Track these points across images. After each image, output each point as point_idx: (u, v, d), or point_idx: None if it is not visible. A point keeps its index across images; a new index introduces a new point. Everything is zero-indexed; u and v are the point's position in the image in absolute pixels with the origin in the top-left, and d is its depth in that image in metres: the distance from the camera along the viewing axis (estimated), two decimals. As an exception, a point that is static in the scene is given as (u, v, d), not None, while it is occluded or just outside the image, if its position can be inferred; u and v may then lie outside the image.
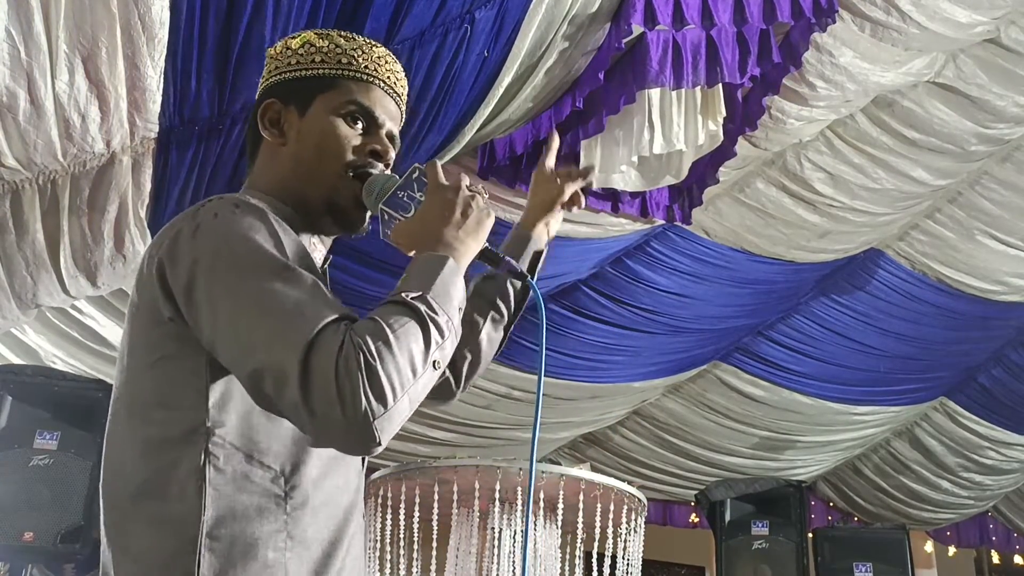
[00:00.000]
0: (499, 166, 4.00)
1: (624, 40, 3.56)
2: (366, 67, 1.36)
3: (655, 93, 3.81)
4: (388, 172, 1.36)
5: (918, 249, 5.65)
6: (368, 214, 1.36)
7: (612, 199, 4.40)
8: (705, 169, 4.39)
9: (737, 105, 4.10)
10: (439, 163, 1.32)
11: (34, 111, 2.72)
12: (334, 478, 1.22)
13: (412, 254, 1.25)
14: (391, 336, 1.08)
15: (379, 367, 1.05)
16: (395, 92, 1.40)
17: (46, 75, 2.65)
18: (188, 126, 3.05)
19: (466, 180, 1.31)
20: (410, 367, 1.08)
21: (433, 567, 3.29)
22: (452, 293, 1.17)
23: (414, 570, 3.27)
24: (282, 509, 1.14)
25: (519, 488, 3.17)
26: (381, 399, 1.04)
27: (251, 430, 1.16)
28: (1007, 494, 8.04)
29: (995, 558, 9.00)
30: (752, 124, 4.19)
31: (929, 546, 8.38)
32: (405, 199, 1.30)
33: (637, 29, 3.56)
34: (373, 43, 1.39)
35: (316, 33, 1.38)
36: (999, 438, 7.16)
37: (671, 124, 3.87)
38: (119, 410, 1.21)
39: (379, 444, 1.06)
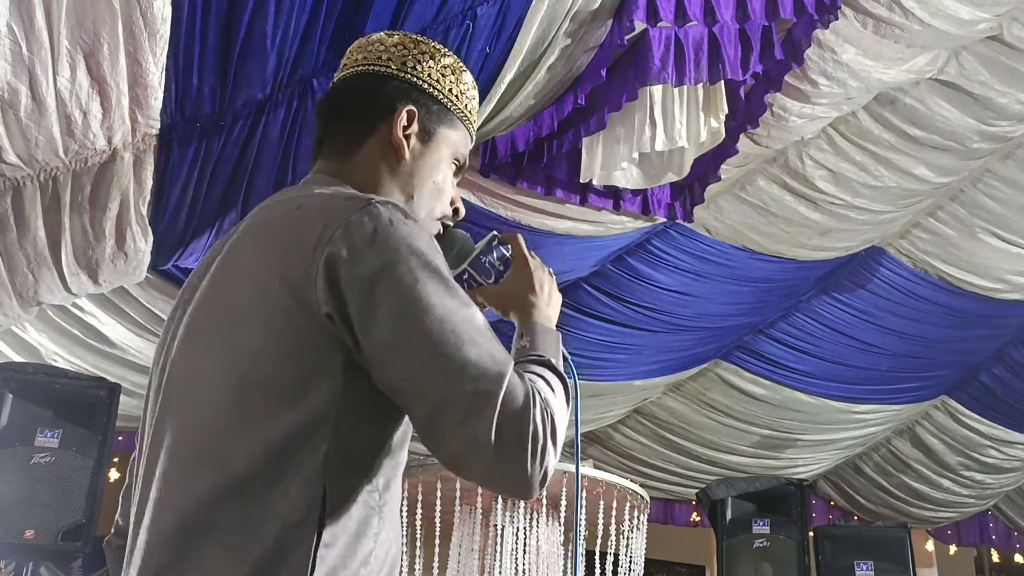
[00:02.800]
0: (501, 163, 4.00)
1: (626, 37, 3.56)
2: (475, 120, 1.40)
3: (657, 90, 3.80)
4: (463, 232, 1.41)
5: (920, 247, 5.64)
6: None
7: (613, 197, 4.40)
8: (707, 166, 4.38)
9: (739, 102, 4.10)
10: (522, 237, 1.41)
11: (35, 107, 2.71)
12: (396, 498, 1.20)
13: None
14: (557, 398, 1.16)
15: (558, 426, 1.12)
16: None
17: (47, 71, 2.65)
18: (190, 123, 3.05)
19: (538, 259, 1.42)
20: (563, 429, 1.15)
21: (436, 564, 3.28)
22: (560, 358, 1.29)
23: (416, 567, 3.27)
24: (375, 523, 1.12)
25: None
26: (556, 453, 1.10)
27: (366, 440, 1.13)
28: (1008, 493, 8.04)
29: (996, 557, 9.00)
30: (754, 121, 4.19)
31: (930, 545, 8.37)
32: (487, 264, 1.39)
33: (639, 25, 3.56)
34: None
35: (455, 60, 1.37)
36: (1000, 436, 7.16)
37: (673, 121, 3.86)
38: (229, 395, 1.10)
39: (542, 494, 1.15)
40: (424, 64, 1.33)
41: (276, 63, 3.00)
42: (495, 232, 1.40)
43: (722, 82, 3.89)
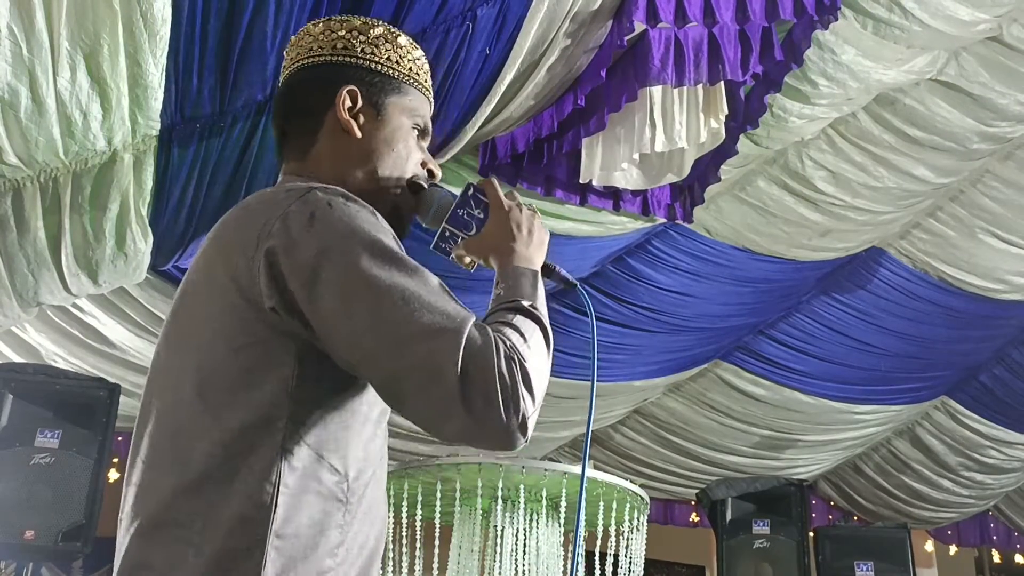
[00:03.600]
0: (500, 164, 3.99)
1: (626, 37, 3.56)
2: (425, 80, 1.38)
3: (657, 91, 3.80)
4: (441, 189, 1.38)
5: (919, 247, 5.64)
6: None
7: (613, 197, 4.40)
8: (707, 167, 4.38)
9: (739, 103, 4.10)
10: (495, 181, 1.36)
11: (36, 108, 2.71)
12: (375, 488, 1.21)
13: (489, 264, 1.32)
14: (530, 341, 1.14)
15: (530, 370, 1.10)
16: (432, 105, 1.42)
17: (48, 72, 2.65)
18: (190, 123, 3.05)
19: (518, 197, 1.35)
20: (542, 372, 1.14)
21: (435, 565, 3.29)
22: (544, 307, 1.25)
23: (416, 568, 3.27)
24: (341, 514, 1.13)
25: (521, 486, 3.16)
26: (533, 399, 1.09)
27: (325, 431, 1.13)
28: (1008, 493, 8.03)
29: (996, 557, 9.00)
30: (754, 122, 4.19)
31: (930, 545, 8.37)
32: (465, 216, 1.34)
33: (639, 26, 3.56)
34: (420, 51, 1.40)
35: (387, 28, 1.36)
36: (1000, 437, 7.15)
37: (673, 122, 3.86)
38: (187, 394, 1.13)
39: (526, 442, 1.10)
40: (355, 41, 1.33)
41: (276, 64, 3.00)
42: (470, 182, 1.37)
43: (722, 83, 3.89)
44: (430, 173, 1.38)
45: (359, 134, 1.31)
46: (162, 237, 3.38)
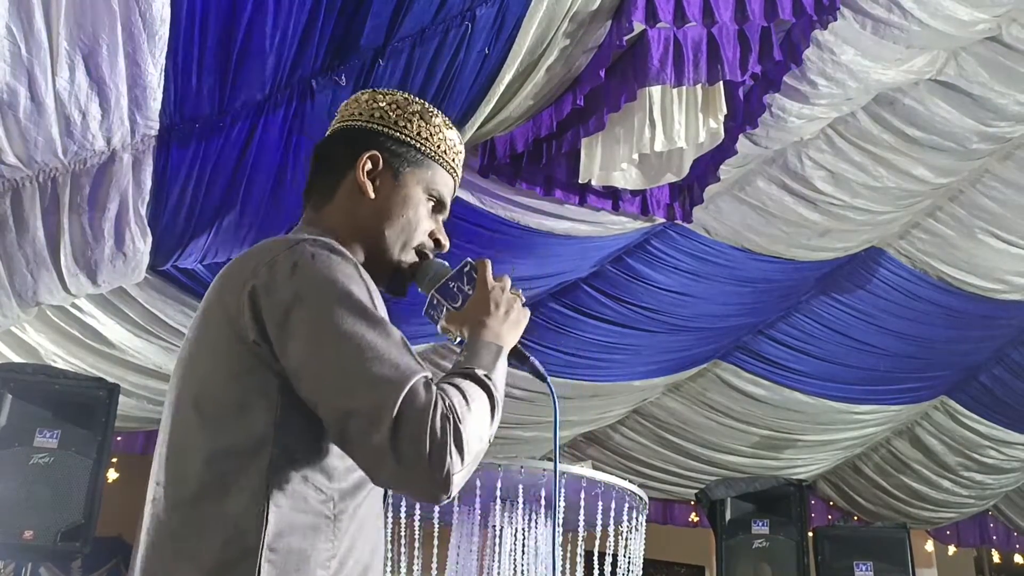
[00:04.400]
0: (499, 164, 4.00)
1: (625, 37, 3.55)
2: (453, 160, 1.49)
3: (656, 91, 3.80)
4: (442, 261, 1.48)
5: (919, 247, 5.64)
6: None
7: (613, 197, 4.40)
8: (706, 167, 4.38)
9: (738, 103, 4.10)
10: (489, 263, 1.45)
11: (35, 108, 2.71)
12: (368, 507, 1.30)
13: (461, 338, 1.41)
14: (472, 406, 1.21)
15: (463, 431, 1.17)
16: (458, 183, 1.54)
17: (47, 72, 2.65)
18: (189, 124, 3.05)
19: (509, 282, 1.44)
20: (478, 436, 1.20)
21: (434, 565, 3.29)
22: (502, 380, 1.33)
23: (415, 568, 3.27)
24: (331, 531, 1.22)
25: (520, 486, 3.16)
26: (461, 459, 1.16)
27: (310, 454, 1.23)
28: (1007, 493, 8.04)
29: (995, 557, 9.00)
30: (753, 122, 4.19)
31: (929, 545, 8.38)
32: (455, 290, 1.44)
33: (638, 26, 3.55)
34: (458, 132, 1.52)
35: (425, 106, 1.47)
36: (1000, 437, 7.16)
37: (672, 122, 3.86)
38: (189, 415, 1.25)
39: (449, 498, 1.17)
40: (391, 113, 1.44)
41: (275, 64, 3.00)
42: (468, 260, 1.45)
43: (721, 83, 3.89)
44: (437, 243, 1.48)
45: (372, 195, 1.41)
46: (161, 237, 3.38)
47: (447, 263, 1.47)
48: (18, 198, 3.03)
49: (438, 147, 1.46)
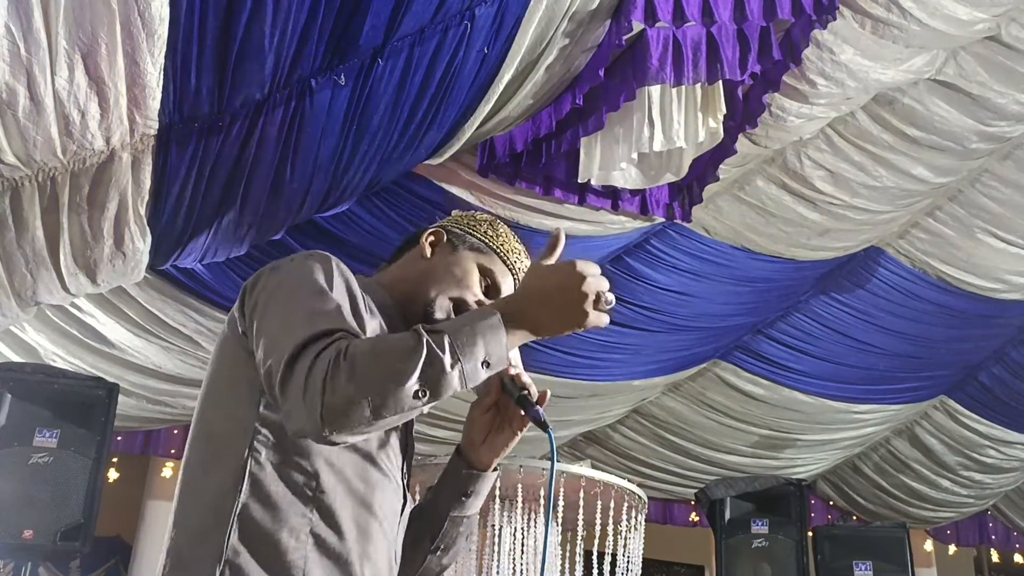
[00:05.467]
0: (499, 163, 4.00)
1: (624, 37, 3.56)
2: (515, 261, 1.58)
3: (655, 90, 3.80)
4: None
5: (918, 247, 5.65)
6: None
7: (612, 197, 4.40)
8: (705, 167, 4.38)
9: (737, 102, 4.10)
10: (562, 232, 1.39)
11: (34, 108, 2.71)
12: (375, 497, 1.35)
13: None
14: (375, 351, 1.19)
15: (343, 377, 1.16)
16: (517, 280, 1.58)
17: (46, 72, 2.65)
18: (188, 123, 3.05)
19: (605, 284, 1.25)
20: (380, 384, 1.16)
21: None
22: (478, 343, 1.20)
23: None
24: (309, 507, 1.29)
25: (519, 485, 3.16)
26: (334, 403, 1.16)
27: (287, 439, 1.30)
28: (1007, 493, 8.04)
29: (995, 557, 9.00)
30: (752, 121, 4.19)
31: (929, 545, 8.37)
32: (506, 390, 1.40)
33: (637, 26, 3.56)
34: (523, 246, 1.62)
35: (491, 217, 1.63)
36: (999, 436, 7.16)
37: (671, 121, 3.86)
38: (202, 400, 1.40)
39: (329, 439, 1.19)
40: (467, 219, 1.62)
41: (274, 63, 3.00)
42: (526, 392, 1.36)
43: (720, 82, 3.89)
44: (479, 304, 1.51)
45: (428, 254, 1.55)
46: (160, 236, 3.38)
47: (541, 411, 1.36)
48: (17, 197, 3.03)
49: (500, 245, 1.57)
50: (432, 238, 1.57)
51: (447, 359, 1.17)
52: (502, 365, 1.23)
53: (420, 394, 1.16)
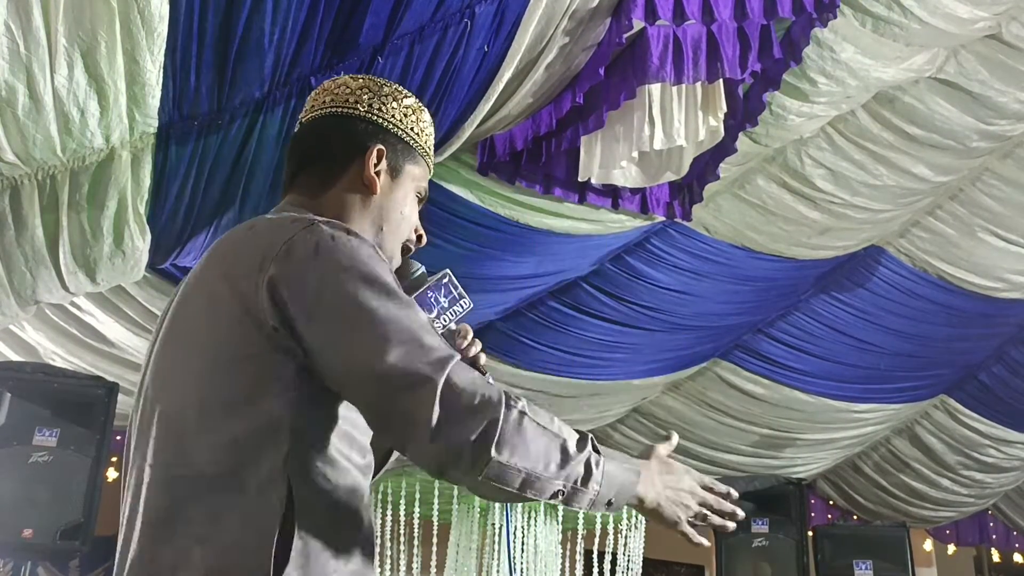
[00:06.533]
0: (499, 162, 3.99)
1: (624, 35, 3.55)
2: (432, 156, 1.51)
3: (656, 88, 3.80)
4: (420, 265, 1.51)
5: (919, 246, 5.64)
6: None
7: (612, 195, 4.39)
8: (705, 165, 4.38)
9: (738, 101, 4.09)
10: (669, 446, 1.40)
11: (33, 106, 2.71)
12: (365, 495, 1.28)
13: None
14: (551, 424, 1.19)
15: (524, 427, 1.15)
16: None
17: (45, 69, 2.64)
18: (187, 121, 3.04)
19: (696, 490, 1.37)
20: (538, 449, 1.16)
21: (433, 563, 3.28)
22: (608, 483, 1.24)
23: (415, 566, 3.27)
24: (340, 521, 1.21)
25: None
26: (510, 453, 1.13)
27: (326, 441, 1.21)
28: (1007, 492, 8.03)
29: (995, 556, 8.99)
30: (753, 120, 4.18)
31: (929, 544, 8.37)
32: (432, 300, 1.47)
33: (638, 24, 3.55)
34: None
35: (416, 100, 1.49)
36: (999, 436, 7.15)
37: (671, 120, 3.85)
38: (191, 400, 1.21)
39: (480, 478, 1.14)
40: (389, 105, 1.44)
41: (274, 62, 3.00)
42: (447, 271, 1.47)
43: (721, 81, 3.88)
44: (419, 238, 1.48)
45: (378, 191, 1.41)
46: (160, 235, 3.37)
47: (423, 268, 1.48)
48: (16, 196, 3.02)
49: (426, 143, 1.48)
50: (375, 160, 1.41)
51: (592, 491, 1.22)
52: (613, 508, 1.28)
53: (557, 495, 1.20)
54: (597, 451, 1.23)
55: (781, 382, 6.47)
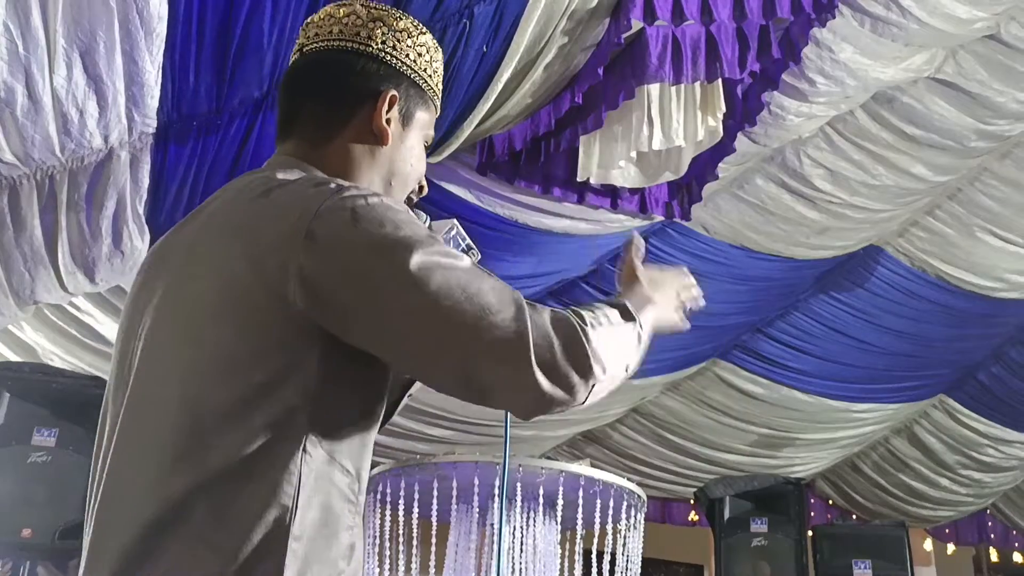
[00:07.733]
0: (498, 162, 3.99)
1: (623, 35, 3.55)
2: (440, 96, 1.37)
3: (654, 89, 3.80)
4: (424, 216, 1.37)
5: (917, 246, 5.64)
6: None
7: (611, 195, 4.39)
8: (704, 165, 4.38)
9: (736, 101, 4.09)
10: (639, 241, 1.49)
11: (32, 106, 2.71)
12: (363, 491, 1.20)
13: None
14: (612, 324, 1.20)
15: (596, 338, 1.14)
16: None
17: (44, 70, 2.65)
18: (186, 121, 3.05)
19: (685, 287, 1.52)
20: (616, 351, 1.18)
21: (432, 564, 3.28)
22: (648, 329, 1.34)
23: (413, 567, 3.27)
24: (351, 516, 1.11)
25: (518, 484, 3.16)
26: (603, 369, 1.14)
27: (341, 432, 1.11)
28: (1006, 492, 8.04)
29: (994, 556, 9.00)
30: (751, 120, 4.19)
31: (928, 544, 8.38)
32: None
33: (636, 24, 3.55)
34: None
35: (429, 36, 1.32)
36: (998, 435, 7.16)
37: (670, 120, 3.86)
38: (193, 388, 1.07)
39: (586, 401, 1.15)
40: (403, 44, 1.28)
41: (273, 61, 3.00)
42: (455, 221, 1.40)
43: (719, 81, 3.89)
44: (421, 188, 1.36)
45: (389, 141, 1.26)
46: (159, 235, 3.36)
47: (428, 219, 1.37)
48: (15, 196, 3.02)
49: (437, 85, 1.33)
50: (388, 109, 1.25)
51: (645, 333, 1.30)
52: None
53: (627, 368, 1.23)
54: (633, 317, 1.27)
55: (780, 382, 6.47)
